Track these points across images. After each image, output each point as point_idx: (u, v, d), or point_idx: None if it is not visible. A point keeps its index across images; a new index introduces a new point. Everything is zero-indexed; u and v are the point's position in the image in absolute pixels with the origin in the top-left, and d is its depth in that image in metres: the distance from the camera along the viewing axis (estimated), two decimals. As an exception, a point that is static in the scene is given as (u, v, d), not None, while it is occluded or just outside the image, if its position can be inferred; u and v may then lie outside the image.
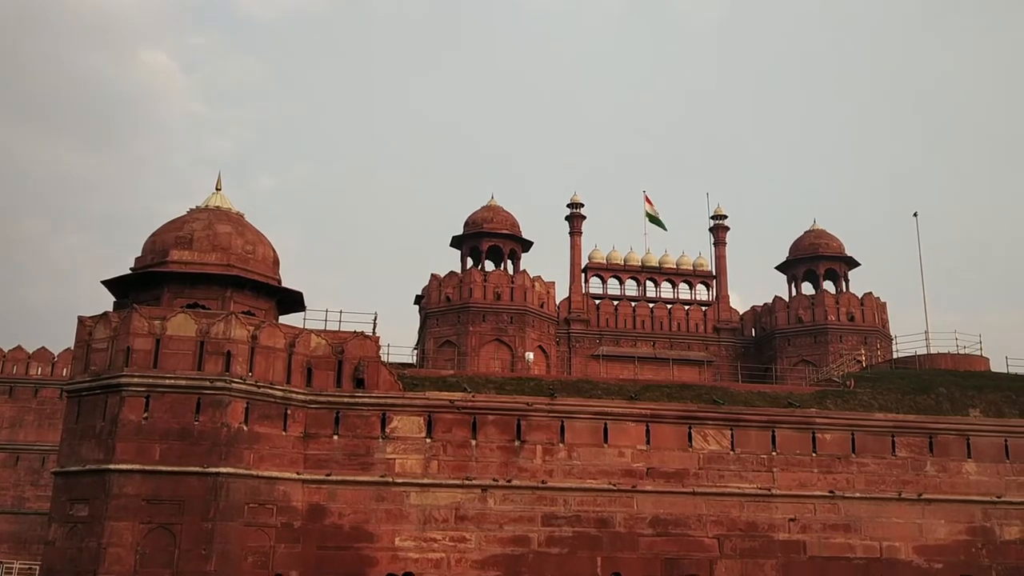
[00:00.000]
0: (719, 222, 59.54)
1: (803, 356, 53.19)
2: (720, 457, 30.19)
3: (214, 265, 29.49)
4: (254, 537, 26.36)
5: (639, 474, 29.57)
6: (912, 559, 30.13)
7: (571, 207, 57.85)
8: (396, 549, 27.65)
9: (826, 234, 57.22)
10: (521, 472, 28.97)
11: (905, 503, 30.59)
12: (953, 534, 30.58)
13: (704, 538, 29.30)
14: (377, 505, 27.96)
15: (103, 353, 27.21)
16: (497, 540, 28.26)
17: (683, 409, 30.57)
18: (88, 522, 25.41)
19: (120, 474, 25.50)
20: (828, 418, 31.16)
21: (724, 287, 58.47)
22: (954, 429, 31.72)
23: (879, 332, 53.68)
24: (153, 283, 29.31)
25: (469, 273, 52.16)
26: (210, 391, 26.57)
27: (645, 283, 58.86)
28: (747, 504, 29.80)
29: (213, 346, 27.03)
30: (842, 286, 55.95)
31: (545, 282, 53.58)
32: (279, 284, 31.20)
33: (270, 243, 31.83)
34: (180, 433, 26.16)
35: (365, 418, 28.72)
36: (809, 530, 29.91)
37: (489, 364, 48.69)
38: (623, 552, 28.73)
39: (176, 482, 25.77)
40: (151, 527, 25.31)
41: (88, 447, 26.34)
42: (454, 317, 51.15)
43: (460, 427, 29.13)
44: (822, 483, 30.39)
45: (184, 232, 30.04)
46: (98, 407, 26.54)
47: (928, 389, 33.70)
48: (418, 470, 28.49)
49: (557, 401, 29.89)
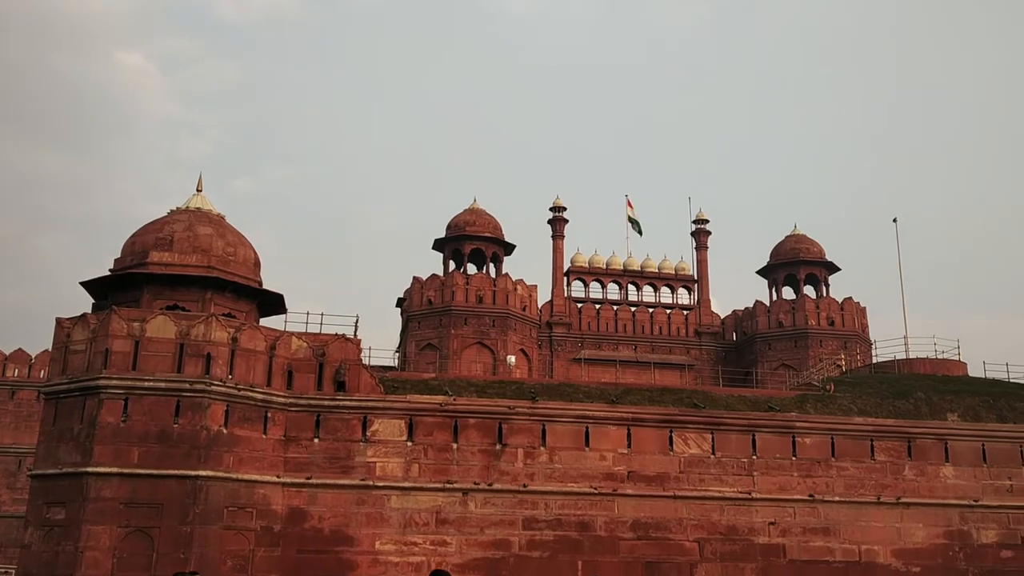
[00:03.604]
0: (701, 226, 59.64)
1: (783, 360, 53.36)
2: (701, 461, 30.29)
3: (194, 267, 29.30)
4: (233, 541, 26.21)
5: (620, 478, 29.62)
6: (890, 562, 30.35)
7: (553, 210, 57.81)
8: (376, 553, 27.58)
9: (807, 239, 57.48)
10: (502, 476, 28.96)
11: (884, 507, 30.81)
12: (931, 538, 30.83)
13: (685, 542, 29.38)
14: (357, 509, 27.87)
15: (81, 355, 26.99)
16: (478, 544, 28.23)
17: (664, 413, 30.66)
18: (65, 525, 25.17)
19: (98, 477, 25.29)
20: (808, 422, 31.34)
21: (706, 291, 58.62)
22: (932, 433, 31.99)
23: (859, 337, 53.98)
24: (132, 285, 29.09)
25: (451, 276, 52.04)
26: (190, 393, 26.40)
27: (627, 287, 58.92)
28: (727, 508, 29.91)
29: (193, 348, 26.87)
30: (822, 291, 56.23)
31: (527, 285, 53.54)
32: (260, 286, 31.04)
33: (251, 245, 31.66)
34: (159, 436, 25.98)
35: (346, 421, 28.62)
36: (789, 534, 30.06)
37: (471, 367, 48.58)
38: (604, 556, 28.77)
39: (154, 485, 25.58)
40: (129, 530, 25.11)
41: (65, 450, 26.11)
42: (436, 320, 50.99)
43: (441, 430, 29.09)
44: (802, 487, 30.55)
45: (164, 233, 29.83)
46: (76, 409, 26.33)
47: (907, 393, 33.96)
48: (399, 473, 28.42)
49: (538, 405, 29.89)
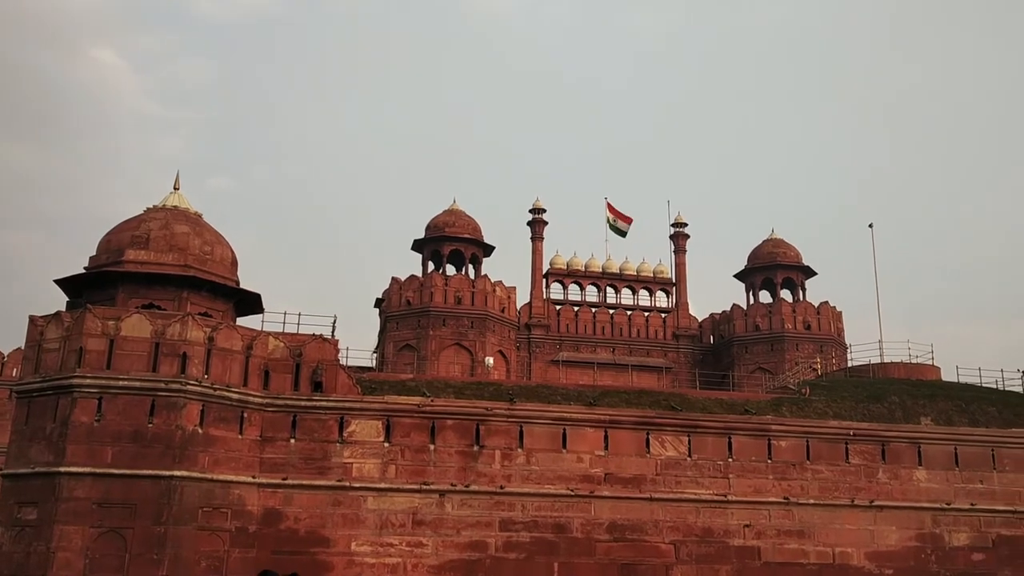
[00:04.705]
0: (679, 230, 59.94)
1: (760, 364, 53.72)
2: (677, 463, 30.41)
3: (171, 265, 29.09)
4: (207, 542, 26.02)
5: (597, 479, 29.68)
6: (863, 565, 30.58)
7: (533, 212, 57.91)
8: (352, 554, 27.47)
9: (784, 243, 57.90)
10: (479, 477, 28.94)
11: (857, 510, 31.05)
12: (903, 540, 31.10)
13: (660, 544, 29.48)
14: (333, 510, 27.76)
15: (55, 353, 26.71)
16: (454, 545, 28.19)
17: (641, 415, 30.76)
18: (36, 526, 24.88)
19: (70, 477, 25.03)
20: (783, 425, 31.54)
21: (684, 294, 58.90)
22: (906, 437, 32.28)
23: (834, 341, 54.44)
24: (108, 283, 28.84)
25: (430, 277, 52.01)
26: (165, 393, 26.19)
27: (605, 289, 59.12)
28: (703, 510, 30.04)
29: (168, 347, 26.66)
30: (799, 295, 56.66)
31: (506, 287, 53.60)
32: (237, 285, 30.86)
33: (228, 244, 31.47)
34: (133, 436, 25.74)
35: (323, 422, 28.50)
36: (764, 536, 30.23)
37: (449, 368, 48.58)
38: (580, 558, 28.81)
39: (128, 485, 25.34)
40: (101, 531, 24.86)
41: (38, 449, 25.82)
42: (414, 321, 50.93)
43: (419, 432, 29.02)
44: (777, 490, 30.74)
45: (140, 231, 29.60)
46: (49, 408, 26.04)
47: (881, 397, 34.29)
48: (376, 475, 28.33)
49: (516, 406, 29.89)
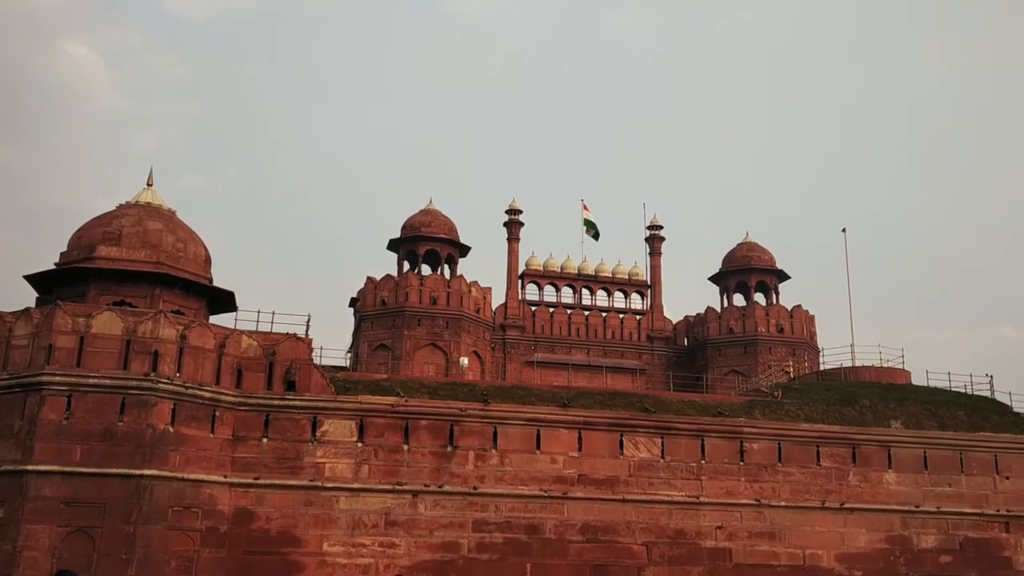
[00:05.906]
0: (655, 232, 60.06)
1: (733, 366, 53.93)
2: (650, 465, 30.52)
3: (143, 262, 28.84)
4: (177, 541, 25.81)
5: (570, 481, 29.73)
6: (833, 567, 30.85)
7: (509, 213, 57.84)
8: (324, 554, 27.34)
9: (758, 247, 58.21)
10: (453, 478, 28.89)
11: (828, 512, 31.32)
12: (873, 542, 31.40)
13: (633, 545, 29.58)
14: (306, 510, 27.61)
15: (23, 350, 26.36)
16: (427, 546, 28.13)
17: (615, 417, 30.85)
18: (3, 525, 24.55)
19: (38, 475, 24.74)
20: (756, 428, 31.76)
21: (658, 296, 59.05)
22: (876, 440, 32.61)
23: (807, 344, 54.79)
24: (79, 279, 28.55)
25: (405, 277, 51.80)
26: (135, 391, 25.94)
27: (581, 291, 59.11)
28: (675, 512, 30.18)
29: (140, 345, 26.41)
30: (772, 298, 56.96)
31: (481, 288, 53.48)
32: (210, 283, 30.64)
33: (202, 241, 31.23)
34: (103, 434, 25.48)
35: (295, 421, 28.34)
36: (735, 538, 30.41)
37: (423, 369, 48.38)
38: (553, 559, 28.85)
39: (97, 484, 25.08)
40: (69, 530, 24.60)
41: (4, 447, 25.47)
42: (389, 321, 50.69)
43: (392, 432, 28.94)
44: (749, 492, 30.93)
45: (113, 228, 29.32)
46: (16, 406, 25.71)
47: (852, 401, 34.57)
48: (348, 475, 28.21)
49: (490, 407, 29.88)
